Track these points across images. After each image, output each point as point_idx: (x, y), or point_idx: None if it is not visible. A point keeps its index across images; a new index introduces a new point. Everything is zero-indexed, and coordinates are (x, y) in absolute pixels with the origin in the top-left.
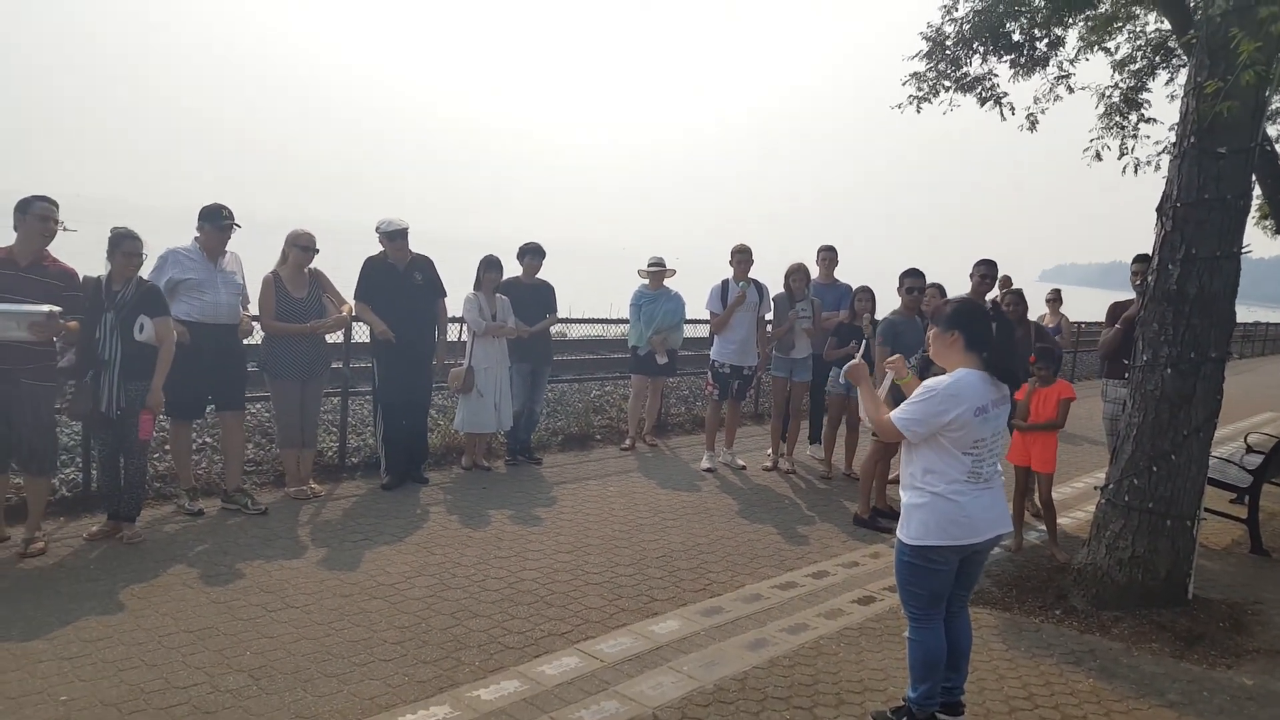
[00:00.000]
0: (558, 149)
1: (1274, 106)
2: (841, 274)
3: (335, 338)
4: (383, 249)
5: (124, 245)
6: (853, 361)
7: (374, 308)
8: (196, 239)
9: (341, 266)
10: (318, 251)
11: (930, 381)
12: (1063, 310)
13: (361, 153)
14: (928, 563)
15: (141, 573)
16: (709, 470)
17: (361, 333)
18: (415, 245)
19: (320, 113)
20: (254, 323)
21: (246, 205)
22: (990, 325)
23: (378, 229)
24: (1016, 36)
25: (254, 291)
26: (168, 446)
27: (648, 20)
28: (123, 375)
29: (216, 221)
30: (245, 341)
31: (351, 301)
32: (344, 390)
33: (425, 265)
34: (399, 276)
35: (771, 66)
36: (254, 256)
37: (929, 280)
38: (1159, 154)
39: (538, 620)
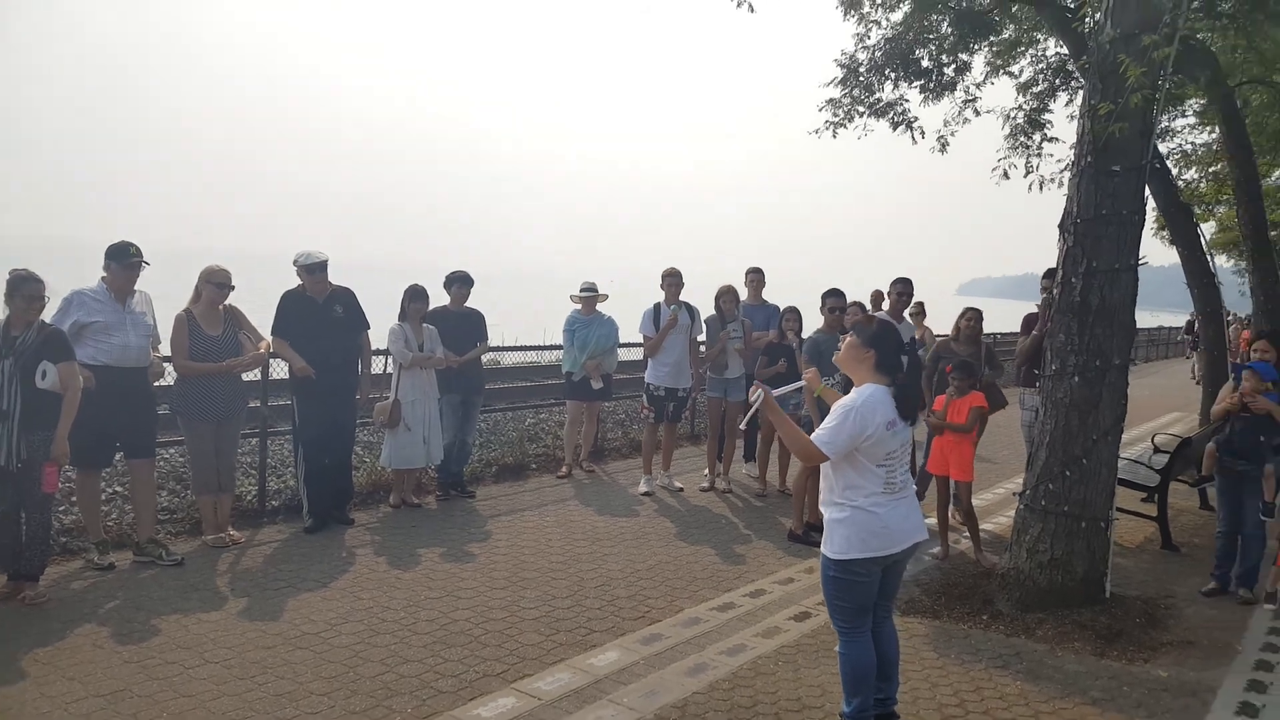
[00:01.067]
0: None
1: (1162, 126)
2: (769, 294)
3: (252, 375)
4: (300, 282)
5: (24, 288)
6: (756, 401)
7: (293, 343)
8: (103, 279)
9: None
10: (233, 288)
11: (844, 401)
12: (926, 323)
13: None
14: (852, 576)
15: (46, 635)
16: (647, 494)
17: (280, 369)
18: (342, 277)
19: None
20: (165, 364)
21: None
22: (902, 356)
23: (295, 261)
24: (925, 63)
25: (165, 330)
26: (74, 498)
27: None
28: (23, 426)
29: (124, 260)
30: (155, 383)
31: (269, 337)
32: (262, 430)
33: (346, 297)
34: (318, 310)
35: (699, 86)
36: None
37: (850, 299)
38: (1061, 171)
39: (472, 661)
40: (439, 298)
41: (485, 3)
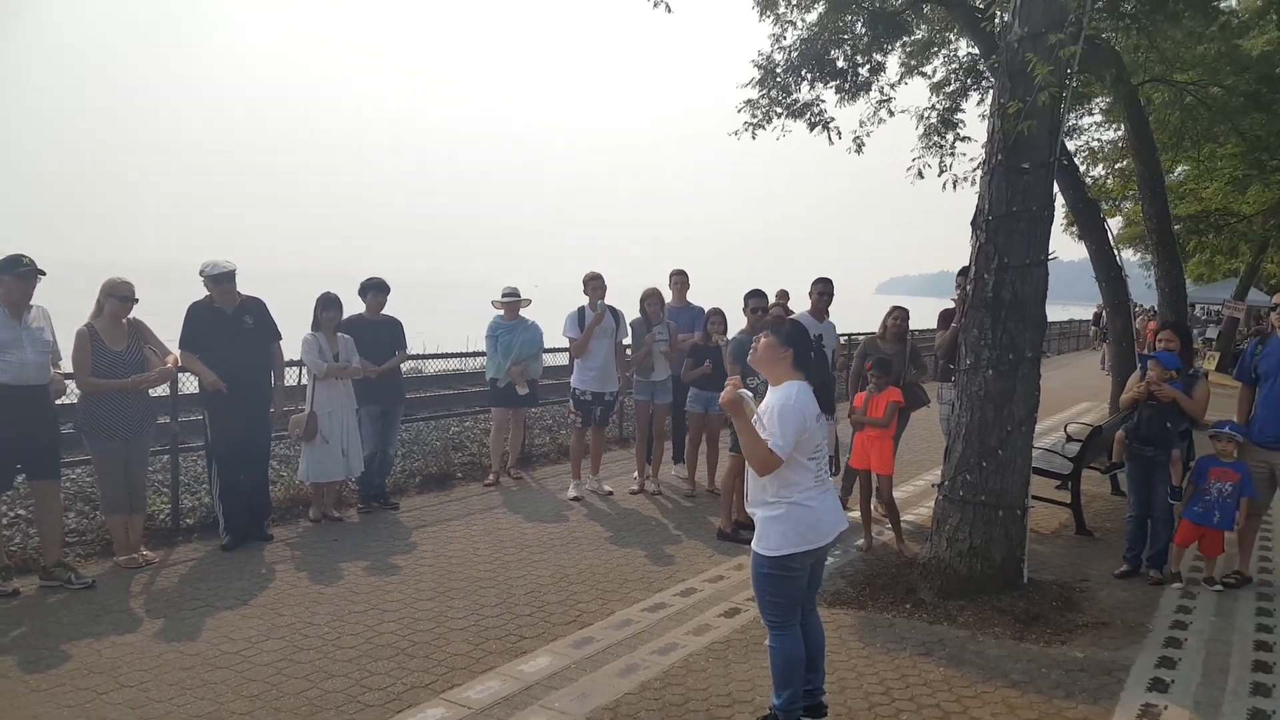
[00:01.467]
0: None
1: (1070, 123)
2: (693, 296)
3: (161, 391)
4: (208, 293)
5: None
6: (727, 395)
7: (202, 356)
8: None
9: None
10: (137, 301)
11: (778, 401)
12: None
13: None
14: (787, 571)
15: None
16: (576, 499)
17: (190, 384)
18: (250, 287)
19: None
20: (67, 381)
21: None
22: (811, 354)
23: (202, 272)
24: (841, 63)
25: (65, 346)
26: None
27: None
28: None
29: (15, 270)
30: (58, 401)
31: (176, 351)
32: (173, 447)
33: (256, 308)
34: (227, 321)
35: (620, 90)
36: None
37: (773, 300)
38: (974, 170)
39: (399, 674)
40: (354, 306)
41: None
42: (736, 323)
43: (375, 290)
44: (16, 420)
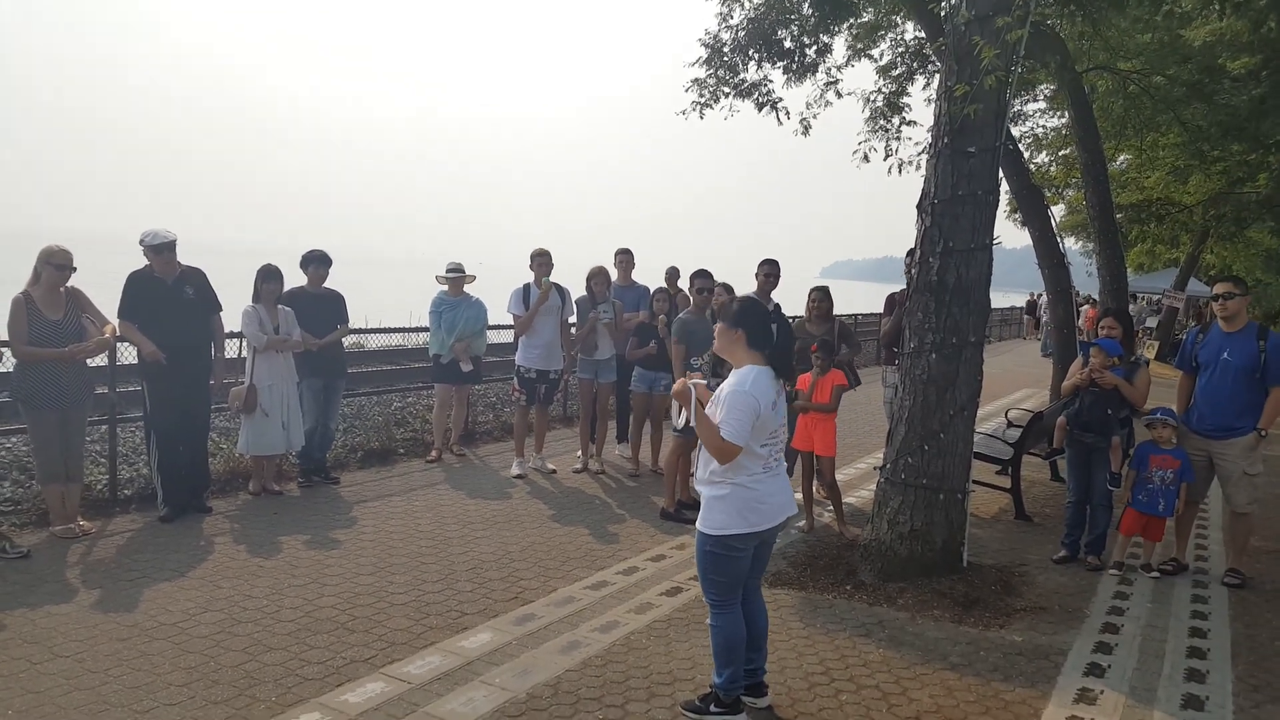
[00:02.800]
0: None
1: (1015, 109)
2: (638, 276)
3: (99, 361)
4: (148, 262)
5: None
6: (677, 388)
7: (141, 326)
8: None
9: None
10: (74, 269)
11: (731, 388)
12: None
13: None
14: (729, 551)
15: None
16: (519, 477)
17: (128, 354)
18: (190, 259)
19: None
20: (2, 349)
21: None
22: (770, 325)
23: (141, 241)
24: (788, 44)
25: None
26: None
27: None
28: None
29: None
30: None
31: (115, 321)
32: (111, 417)
33: (196, 278)
34: (167, 291)
35: (567, 76)
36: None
37: (718, 280)
38: (920, 154)
39: (339, 648)
40: (295, 279)
41: None
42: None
43: (317, 263)
44: None
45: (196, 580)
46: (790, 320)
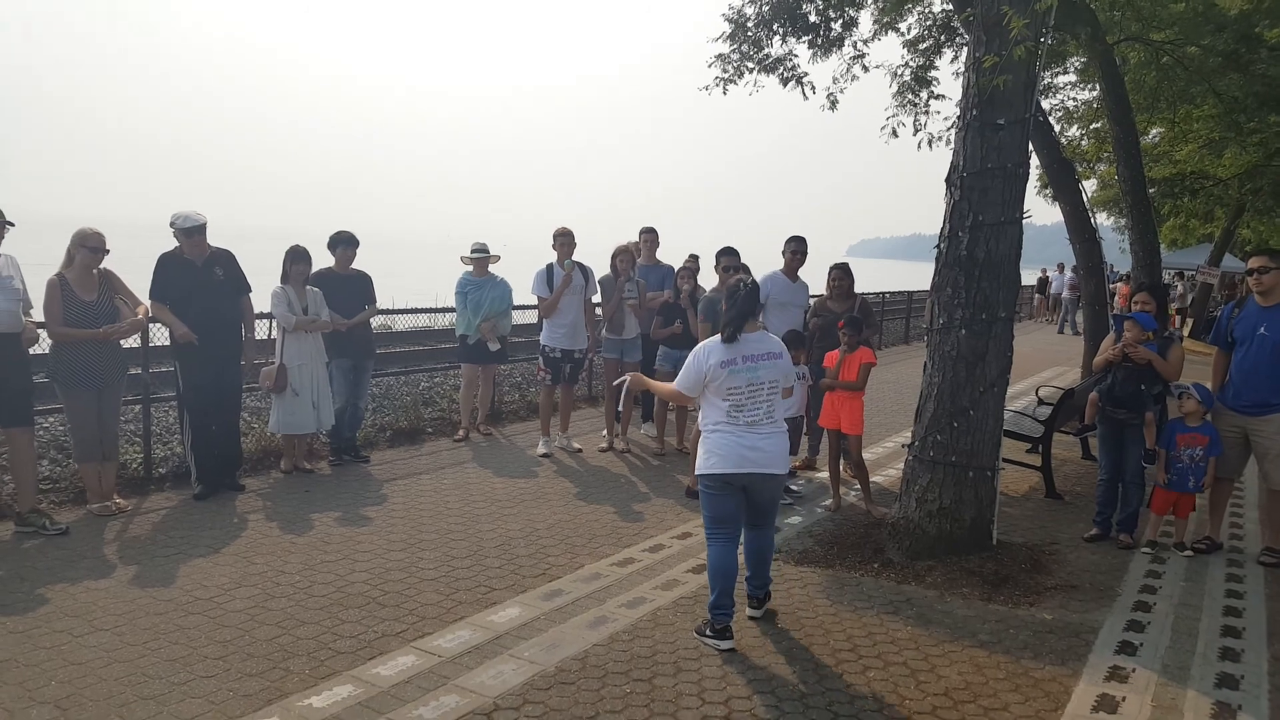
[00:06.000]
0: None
1: (1045, 82)
2: (662, 255)
3: (132, 341)
4: (178, 244)
5: None
6: (627, 379)
7: (172, 307)
8: None
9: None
10: (108, 252)
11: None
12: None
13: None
14: (705, 488)
15: None
16: (545, 455)
17: (161, 335)
18: (221, 242)
19: None
20: (39, 330)
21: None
22: (733, 303)
23: (172, 224)
24: (813, 17)
25: (36, 296)
26: None
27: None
28: None
29: None
30: (31, 351)
31: (147, 302)
32: (145, 397)
33: (226, 260)
34: (197, 273)
35: (587, 55)
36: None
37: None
38: (948, 129)
39: (370, 622)
40: (323, 260)
41: None
42: (709, 282)
43: (344, 244)
44: None
45: (231, 556)
46: (810, 299)
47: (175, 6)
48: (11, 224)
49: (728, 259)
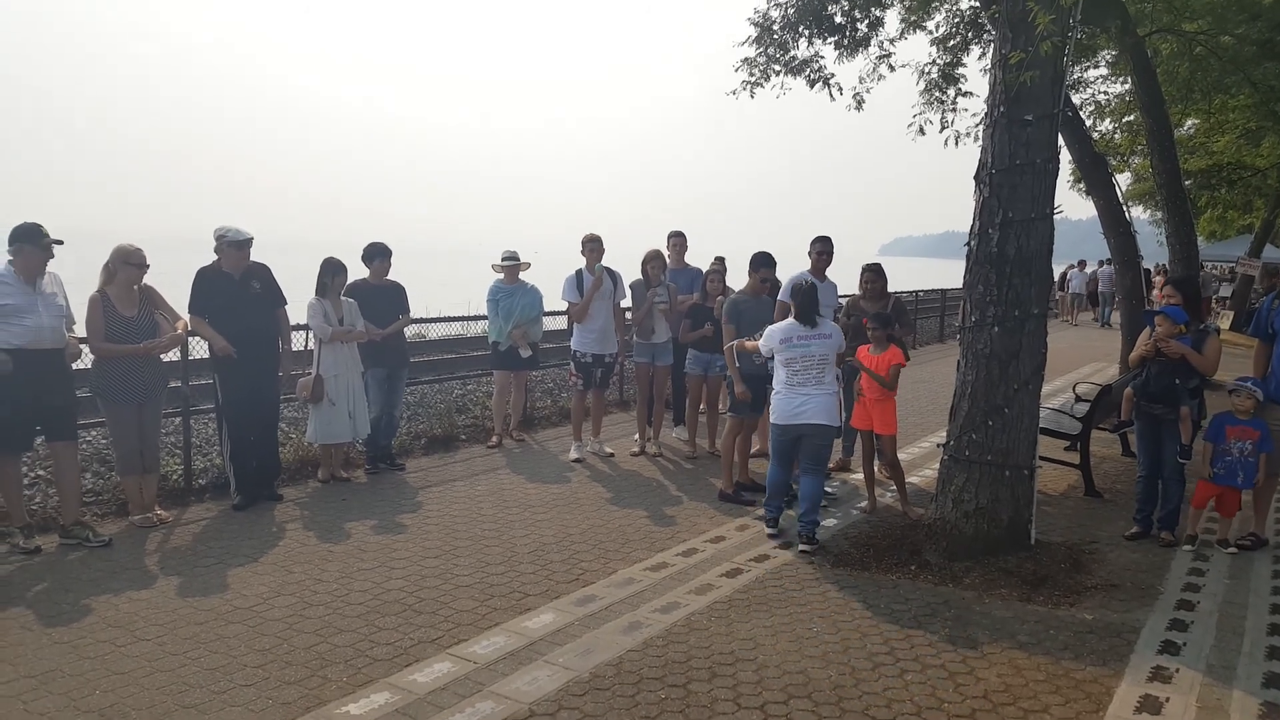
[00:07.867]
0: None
1: (1075, 77)
2: (690, 258)
3: (172, 355)
4: (216, 258)
5: None
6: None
7: (211, 321)
8: (10, 262)
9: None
10: (148, 268)
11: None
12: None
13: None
14: (772, 435)
15: None
16: (577, 460)
17: (200, 348)
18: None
19: None
20: (82, 345)
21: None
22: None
23: (221, 237)
24: (838, 18)
25: (78, 311)
26: None
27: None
28: None
29: (37, 242)
30: (74, 366)
31: (186, 316)
32: (185, 409)
33: (262, 273)
34: (235, 286)
35: (600, 39)
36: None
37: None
38: (976, 126)
39: (407, 629)
40: (358, 272)
41: None
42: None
43: (380, 256)
44: (34, 383)
45: (269, 565)
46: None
47: (202, 18)
48: (60, 242)
49: (765, 270)
